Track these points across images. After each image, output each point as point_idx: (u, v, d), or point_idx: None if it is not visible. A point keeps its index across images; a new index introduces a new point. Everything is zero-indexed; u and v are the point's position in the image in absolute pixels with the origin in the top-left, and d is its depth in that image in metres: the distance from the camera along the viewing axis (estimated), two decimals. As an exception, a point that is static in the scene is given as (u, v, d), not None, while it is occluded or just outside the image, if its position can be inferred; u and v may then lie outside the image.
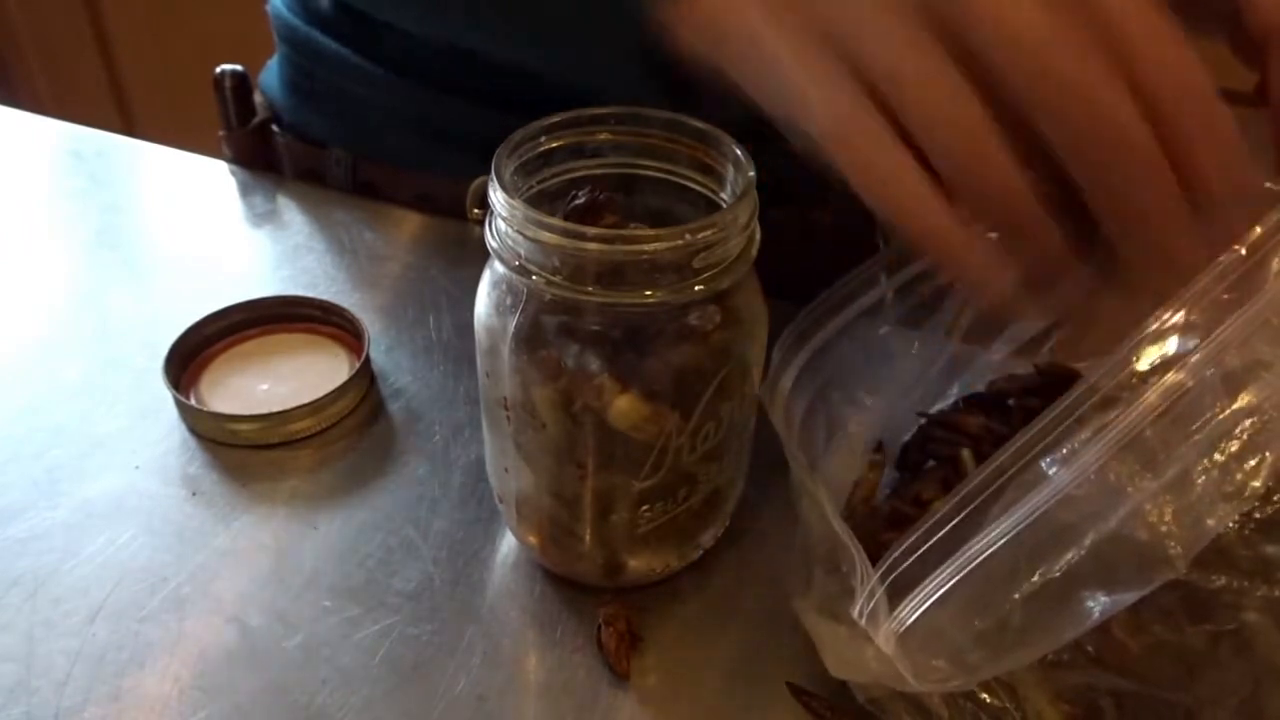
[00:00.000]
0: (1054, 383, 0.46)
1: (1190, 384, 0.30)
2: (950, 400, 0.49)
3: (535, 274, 0.36)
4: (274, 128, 0.71)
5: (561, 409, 0.38)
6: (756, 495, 0.49)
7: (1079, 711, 0.36)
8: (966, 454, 0.44)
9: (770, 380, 0.42)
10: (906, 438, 0.47)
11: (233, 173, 0.70)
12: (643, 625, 0.43)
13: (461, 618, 0.43)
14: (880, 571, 0.33)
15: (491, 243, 0.38)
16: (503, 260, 0.37)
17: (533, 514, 0.43)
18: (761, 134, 0.38)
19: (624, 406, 0.38)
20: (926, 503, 0.43)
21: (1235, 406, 0.31)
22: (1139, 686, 0.35)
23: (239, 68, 0.68)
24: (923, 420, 0.47)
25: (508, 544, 0.46)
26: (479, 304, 0.40)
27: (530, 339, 0.38)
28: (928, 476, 0.44)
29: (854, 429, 0.46)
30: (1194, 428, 0.30)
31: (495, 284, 0.39)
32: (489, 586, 0.45)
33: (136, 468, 0.50)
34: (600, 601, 0.43)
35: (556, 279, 0.36)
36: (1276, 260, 0.32)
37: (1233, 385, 0.31)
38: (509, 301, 0.38)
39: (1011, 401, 0.47)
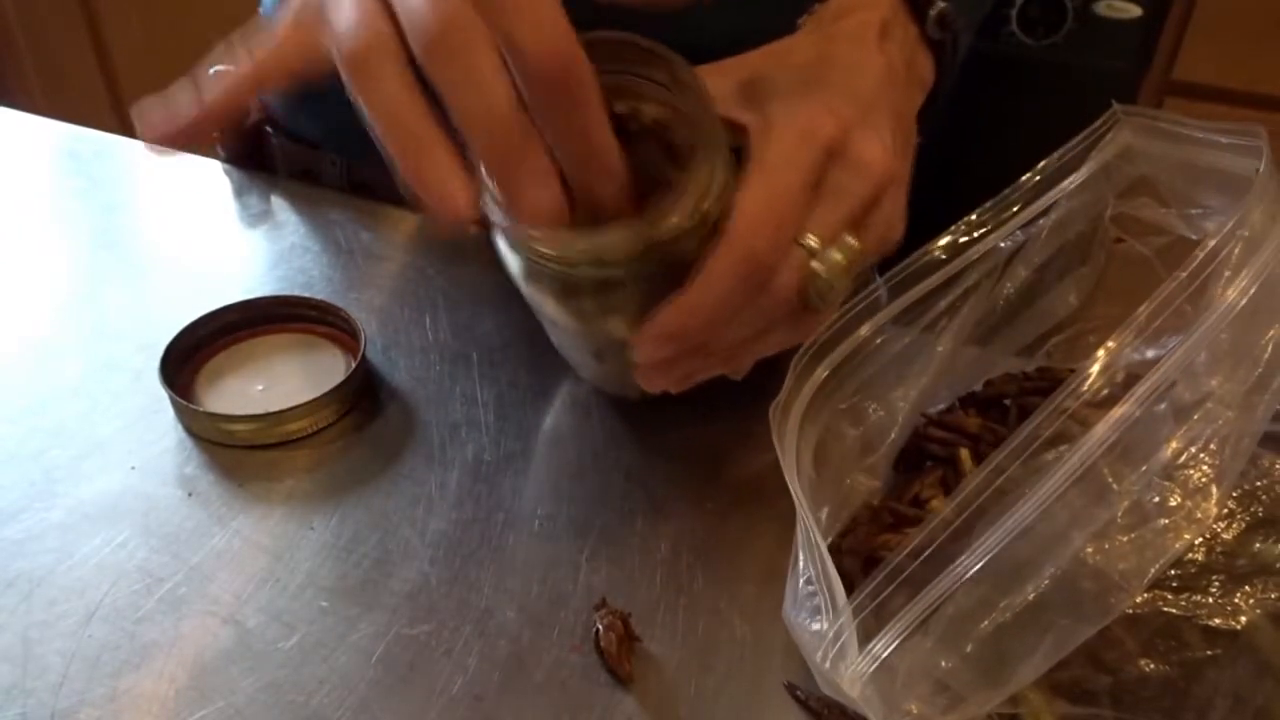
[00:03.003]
0: (1050, 384, 0.46)
1: (1138, 414, 0.30)
2: (945, 401, 0.49)
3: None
4: (268, 129, 0.71)
5: None
6: (754, 496, 0.49)
7: (1077, 711, 0.36)
8: (965, 454, 0.44)
9: (781, 404, 0.42)
10: (901, 439, 0.47)
11: (228, 173, 0.70)
12: (640, 625, 0.43)
13: (458, 618, 0.43)
14: (840, 621, 0.33)
15: None
16: None
17: None
18: None
19: None
20: (925, 502, 0.43)
21: (1185, 437, 0.31)
22: (1137, 686, 0.35)
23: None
24: (921, 420, 0.47)
25: (504, 543, 0.46)
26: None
27: None
28: (926, 477, 0.44)
29: (852, 432, 0.46)
30: (1145, 459, 0.31)
31: None
32: (486, 586, 0.45)
33: (133, 468, 0.49)
34: (597, 602, 0.43)
35: None
36: (1220, 283, 0.32)
37: (1182, 416, 0.31)
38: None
39: (1008, 401, 0.47)
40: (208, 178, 0.70)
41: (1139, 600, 0.33)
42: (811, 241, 0.41)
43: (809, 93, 0.42)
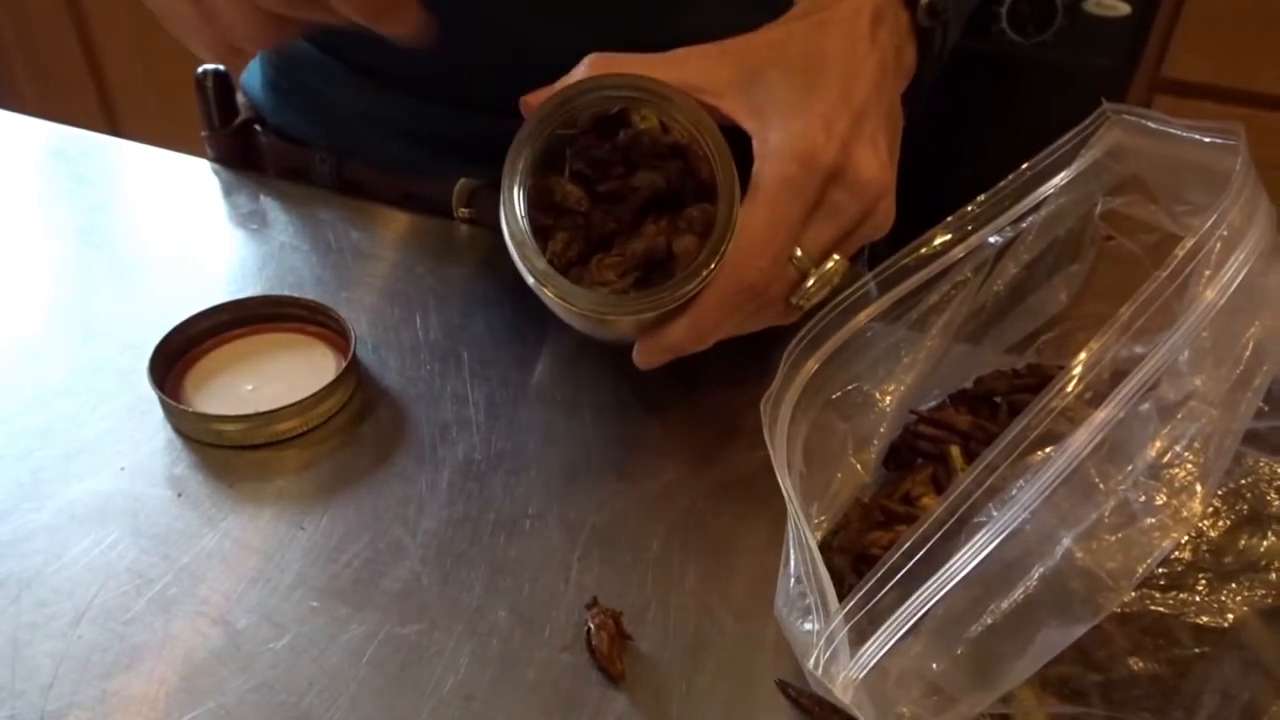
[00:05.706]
0: (1040, 381, 0.46)
1: (1123, 415, 0.30)
2: (935, 398, 0.49)
3: None
4: (257, 128, 0.71)
5: None
6: (744, 494, 0.49)
7: (1067, 709, 0.36)
8: (955, 451, 0.44)
9: (773, 397, 0.42)
10: (895, 435, 0.47)
11: (217, 172, 0.70)
12: (631, 624, 0.43)
13: (449, 618, 0.43)
14: (832, 626, 0.33)
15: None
16: None
17: None
18: None
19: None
20: (916, 500, 0.43)
21: (1169, 436, 0.31)
22: (1127, 684, 0.35)
23: (221, 68, 0.68)
24: (911, 418, 0.47)
25: (496, 543, 0.46)
26: None
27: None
28: (917, 474, 0.44)
29: (843, 426, 0.46)
30: (1130, 459, 0.31)
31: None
32: (477, 586, 0.45)
33: (122, 469, 0.49)
34: (588, 601, 0.43)
35: None
36: (1200, 282, 0.32)
37: (1166, 415, 0.31)
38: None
39: (999, 399, 0.47)
40: (196, 177, 0.70)
41: (1128, 599, 0.33)
42: (803, 257, 0.44)
43: (807, 101, 0.44)
